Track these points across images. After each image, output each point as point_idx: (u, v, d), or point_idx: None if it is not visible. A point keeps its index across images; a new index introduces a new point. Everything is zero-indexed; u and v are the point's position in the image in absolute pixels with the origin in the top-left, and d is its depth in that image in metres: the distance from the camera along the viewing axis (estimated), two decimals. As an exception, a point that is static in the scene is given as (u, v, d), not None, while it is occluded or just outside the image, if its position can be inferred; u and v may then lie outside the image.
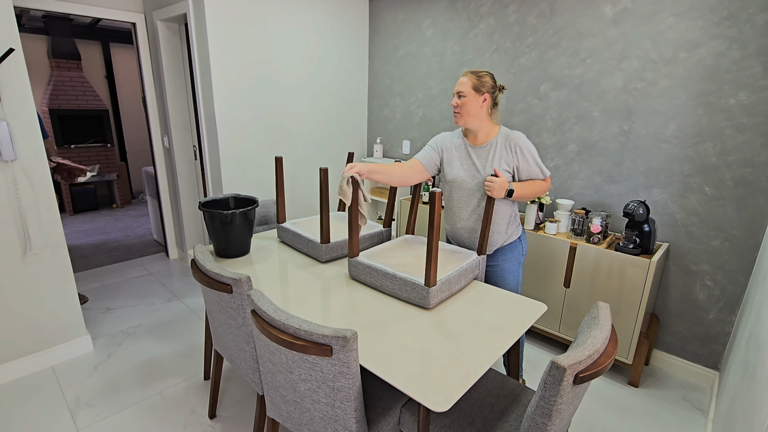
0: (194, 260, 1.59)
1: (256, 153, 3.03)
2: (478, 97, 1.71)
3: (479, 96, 1.71)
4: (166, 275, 3.46)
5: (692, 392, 2.21)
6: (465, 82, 1.71)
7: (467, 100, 1.72)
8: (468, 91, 1.71)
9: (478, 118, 1.75)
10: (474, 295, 1.64)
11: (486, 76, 1.73)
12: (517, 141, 1.74)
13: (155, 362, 2.32)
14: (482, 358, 1.24)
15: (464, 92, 1.71)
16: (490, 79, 1.73)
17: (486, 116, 1.76)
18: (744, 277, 2.08)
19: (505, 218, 1.85)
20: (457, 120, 1.78)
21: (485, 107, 1.74)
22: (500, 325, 1.42)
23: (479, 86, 1.71)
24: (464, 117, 1.75)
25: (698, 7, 2.00)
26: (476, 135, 1.80)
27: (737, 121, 1.98)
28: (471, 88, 1.70)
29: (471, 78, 1.71)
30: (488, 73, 1.75)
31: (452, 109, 3.09)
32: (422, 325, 1.41)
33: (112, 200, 5.87)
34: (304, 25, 3.07)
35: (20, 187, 2.01)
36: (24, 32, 4.98)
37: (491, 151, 1.77)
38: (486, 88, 1.72)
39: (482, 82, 1.71)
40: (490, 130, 1.79)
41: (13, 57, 1.90)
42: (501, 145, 1.76)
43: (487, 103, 1.74)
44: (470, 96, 1.71)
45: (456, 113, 1.77)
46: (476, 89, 1.71)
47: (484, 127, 1.78)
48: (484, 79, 1.72)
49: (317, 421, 1.25)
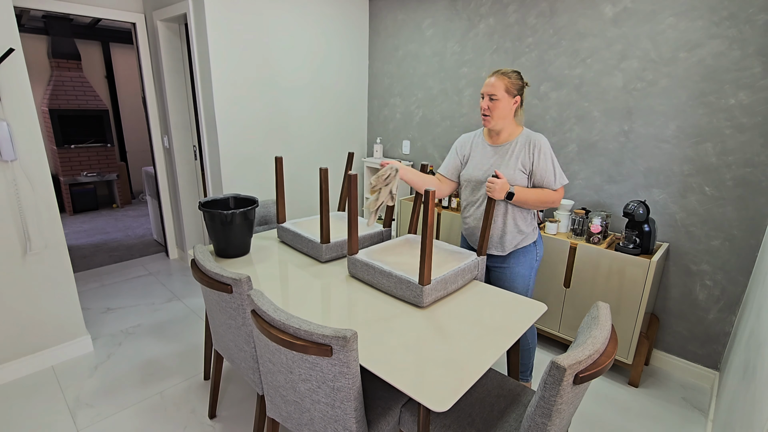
0: (194, 260, 1.59)
1: (256, 153, 3.03)
2: (510, 99, 1.69)
3: (511, 98, 1.69)
4: (166, 275, 3.46)
5: (692, 392, 2.21)
6: (497, 84, 1.67)
7: (499, 104, 1.68)
8: (501, 94, 1.67)
9: (507, 119, 1.73)
10: (472, 294, 1.64)
11: (516, 77, 1.69)
12: (538, 141, 1.72)
13: (155, 362, 2.32)
14: (482, 357, 1.24)
15: (497, 95, 1.67)
16: (519, 80, 1.70)
17: (512, 116, 1.75)
18: (744, 277, 2.08)
19: (519, 220, 1.81)
20: (486, 123, 1.74)
21: (515, 108, 1.73)
22: (500, 325, 1.42)
23: (511, 88, 1.68)
24: (494, 120, 1.72)
25: (698, 7, 2.00)
26: (499, 134, 1.78)
27: (737, 121, 1.98)
28: (504, 90, 1.67)
29: (503, 80, 1.67)
30: (517, 72, 1.70)
31: (454, 109, 3.10)
32: (417, 323, 1.41)
33: (112, 200, 5.87)
34: (305, 25, 3.07)
35: (20, 187, 2.01)
36: (24, 32, 4.98)
37: (510, 150, 1.75)
38: (517, 90, 1.69)
39: (514, 84, 1.68)
40: (513, 130, 1.77)
41: (13, 57, 1.90)
42: (520, 145, 1.73)
43: (517, 105, 1.72)
44: (503, 99, 1.68)
45: (486, 116, 1.73)
46: (509, 91, 1.68)
47: (509, 127, 1.76)
48: (515, 81, 1.69)
49: (317, 421, 1.25)
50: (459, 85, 3.02)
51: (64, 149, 5.22)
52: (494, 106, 1.68)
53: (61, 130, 5.15)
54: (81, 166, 5.40)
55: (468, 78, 2.96)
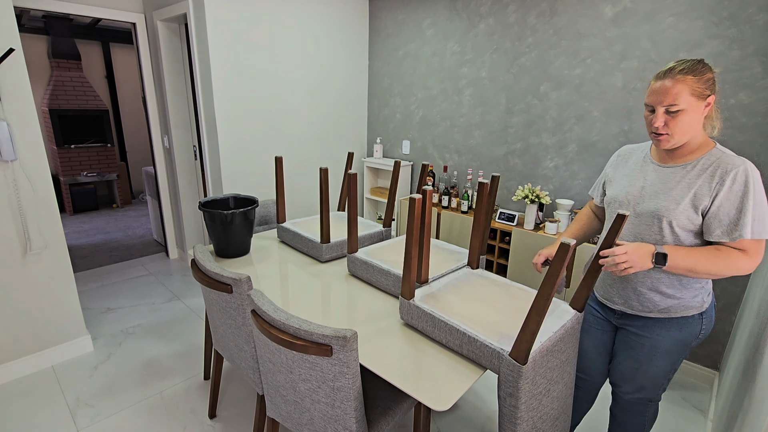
0: (194, 260, 1.59)
1: (256, 153, 3.03)
2: (700, 104, 1.12)
3: (702, 102, 1.12)
4: (166, 275, 3.46)
5: (692, 392, 2.21)
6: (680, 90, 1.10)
7: (684, 117, 1.12)
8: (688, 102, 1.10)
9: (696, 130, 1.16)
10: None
11: (707, 70, 1.12)
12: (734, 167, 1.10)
13: (155, 362, 2.32)
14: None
15: (680, 106, 1.11)
16: (711, 72, 1.12)
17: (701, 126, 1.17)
18: (744, 277, 2.08)
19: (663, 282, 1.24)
20: (663, 144, 1.17)
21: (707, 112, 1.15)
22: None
23: (702, 90, 1.11)
24: (676, 137, 1.15)
25: (698, 8, 2.00)
26: (675, 151, 1.21)
27: (737, 121, 1.98)
28: (690, 94, 1.10)
29: (688, 81, 1.10)
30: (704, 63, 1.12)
31: (454, 109, 3.10)
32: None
33: (112, 200, 5.87)
34: (304, 25, 3.07)
35: (20, 187, 2.01)
36: (24, 32, 4.98)
37: (684, 173, 1.19)
38: (711, 88, 1.12)
39: (705, 82, 1.11)
40: (699, 146, 1.19)
41: (13, 57, 1.90)
42: (701, 169, 1.15)
43: (711, 108, 1.15)
44: (691, 107, 1.11)
45: (662, 135, 1.16)
46: (699, 95, 1.11)
47: (695, 141, 1.18)
48: (707, 76, 1.11)
49: (317, 421, 1.25)
50: (459, 85, 3.02)
51: (64, 149, 5.22)
52: (677, 120, 1.12)
53: (61, 130, 5.15)
54: (81, 166, 5.40)
55: (468, 78, 2.96)
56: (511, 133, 2.81)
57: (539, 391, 1.17)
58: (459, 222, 2.81)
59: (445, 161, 3.25)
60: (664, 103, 1.13)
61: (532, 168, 2.75)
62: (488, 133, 2.93)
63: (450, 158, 3.21)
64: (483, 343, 1.15)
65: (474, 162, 3.06)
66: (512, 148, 2.83)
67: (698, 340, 1.29)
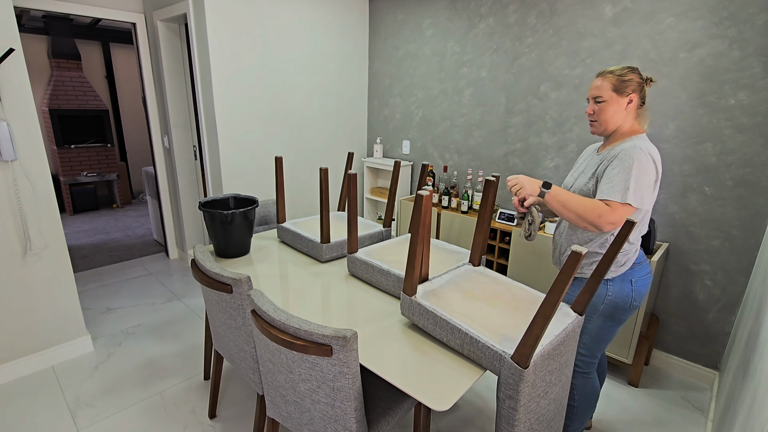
0: (194, 260, 1.59)
1: (256, 153, 3.03)
2: (621, 99, 1.44)
3: (623, 98, 1.44)
4: (166, 275, 3.46)
5: (692, 392, 2.21)
6: (604, 86, 1.44)
7: (607, 107, 1.45)
8: (609, 95, 1.43)
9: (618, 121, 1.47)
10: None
11: (629, 74, 1.43)
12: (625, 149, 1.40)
13: (155, 362, 2.32)
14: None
15: (603, 98, 1.44)
16: (636, 76, 1.43)
17: (632, 120, 1.47)
18: (744, 277, 2.08)
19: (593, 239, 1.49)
20: (593, 130, 1.52)
21: (630, 110, 1.45)
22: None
23: (623, 87, 1.43)
24: (602, 125, 1.48)
25: (698, 7, 2.00)
26: (606, 141, 1.54)
27: (737, 121, 1.98)
28: (611, 90, 1.43)
29: (611, 79, 1.43)
30: (631, 68, 1.44)
31: (454, 109, 3.10)
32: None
33: (112, 200, 5.87)
34: (304, 25, 3.07)
35: (20, 187, 2.01)
36: (24, 32, 4.98)
37: (601, 158, 1.49)
38: (631, 88, 1.43)
39: (626, 81, 1.43)
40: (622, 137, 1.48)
41: (13, 57, 1.90)
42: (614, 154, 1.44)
43: (634, 105, 1.45)
44: (612, 100, 1.44)
45: (592, 122, 1.51)
46: (619, 91, 1.43)
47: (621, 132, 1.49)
48: (627, 78, 1.43)
49: (317, 421, 1.25)
50: (459, 85, 3.02)
51: (64, 149, 5.22)
52: (600, 109, 1.46)
53: (61, 130, 5.15)
54: (81, 166, 5.40)
55: (468, 78, 2.96)
56: (511, 133, 2.81)
57: (538, 393, 1.18)
58: (459, 222, 2.81)
59: (445, 161, 3.25)
60: (594, 95, 1.47)
61: (532, 168, 2.75)
62: (488, 133, 2.93)
63: (450, 158, 3.21)
64: (485, 345, 1.15)
65: (474, 162, 3.06)
66: (512, 148, 2.83)
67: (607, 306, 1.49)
